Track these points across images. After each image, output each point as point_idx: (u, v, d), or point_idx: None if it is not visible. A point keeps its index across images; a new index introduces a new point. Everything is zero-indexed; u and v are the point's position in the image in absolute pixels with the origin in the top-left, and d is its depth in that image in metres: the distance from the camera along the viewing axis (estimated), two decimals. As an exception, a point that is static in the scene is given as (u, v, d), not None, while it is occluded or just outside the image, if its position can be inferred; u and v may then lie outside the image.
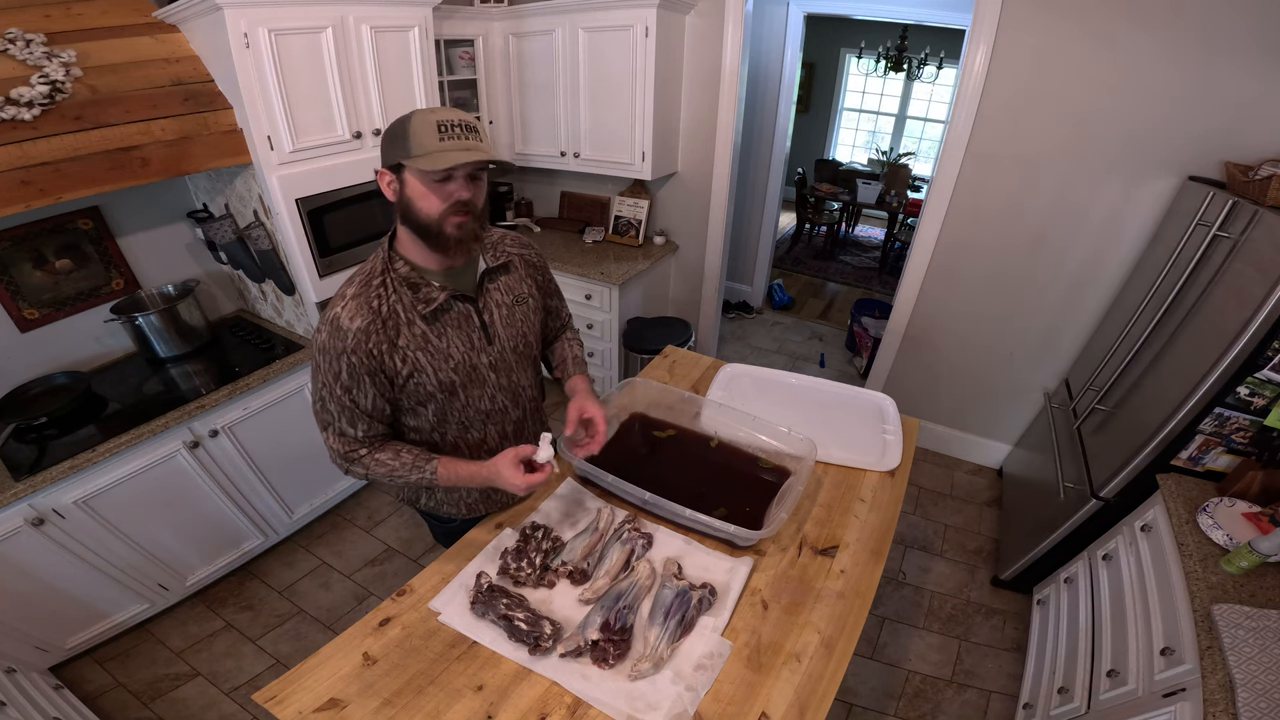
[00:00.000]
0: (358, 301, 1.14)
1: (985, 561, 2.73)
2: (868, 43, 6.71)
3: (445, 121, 1.05)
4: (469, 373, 1.27)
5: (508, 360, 1.34)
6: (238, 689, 2.19)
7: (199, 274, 2.61)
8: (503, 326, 1.31)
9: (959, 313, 2.99)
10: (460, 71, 3.09)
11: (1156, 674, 1.45)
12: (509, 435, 1.44)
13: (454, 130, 1.05)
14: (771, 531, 1.36)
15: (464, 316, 1.24)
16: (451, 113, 1.08)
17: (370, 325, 1.13)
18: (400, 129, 1.06)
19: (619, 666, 1.15)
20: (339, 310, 1.13)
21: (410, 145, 1.05)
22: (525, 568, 1.32)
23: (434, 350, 1.21)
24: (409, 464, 1.25)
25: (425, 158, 1.04)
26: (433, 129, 1.04)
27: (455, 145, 1.05)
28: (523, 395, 1.42)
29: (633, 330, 3.38)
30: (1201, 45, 2.04)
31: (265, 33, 1.89)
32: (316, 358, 1.17)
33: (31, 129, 1.68)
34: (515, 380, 1.38)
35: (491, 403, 1.35)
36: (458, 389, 1.27)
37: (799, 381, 2.05)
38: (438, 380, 1.23)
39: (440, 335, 1.21)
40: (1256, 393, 1.66)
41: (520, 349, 1.36)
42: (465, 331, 1.25)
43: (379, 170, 1.13)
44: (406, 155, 1.05)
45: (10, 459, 1.89)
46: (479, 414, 1.35)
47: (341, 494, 2.92)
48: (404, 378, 1.20)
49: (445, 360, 1.22)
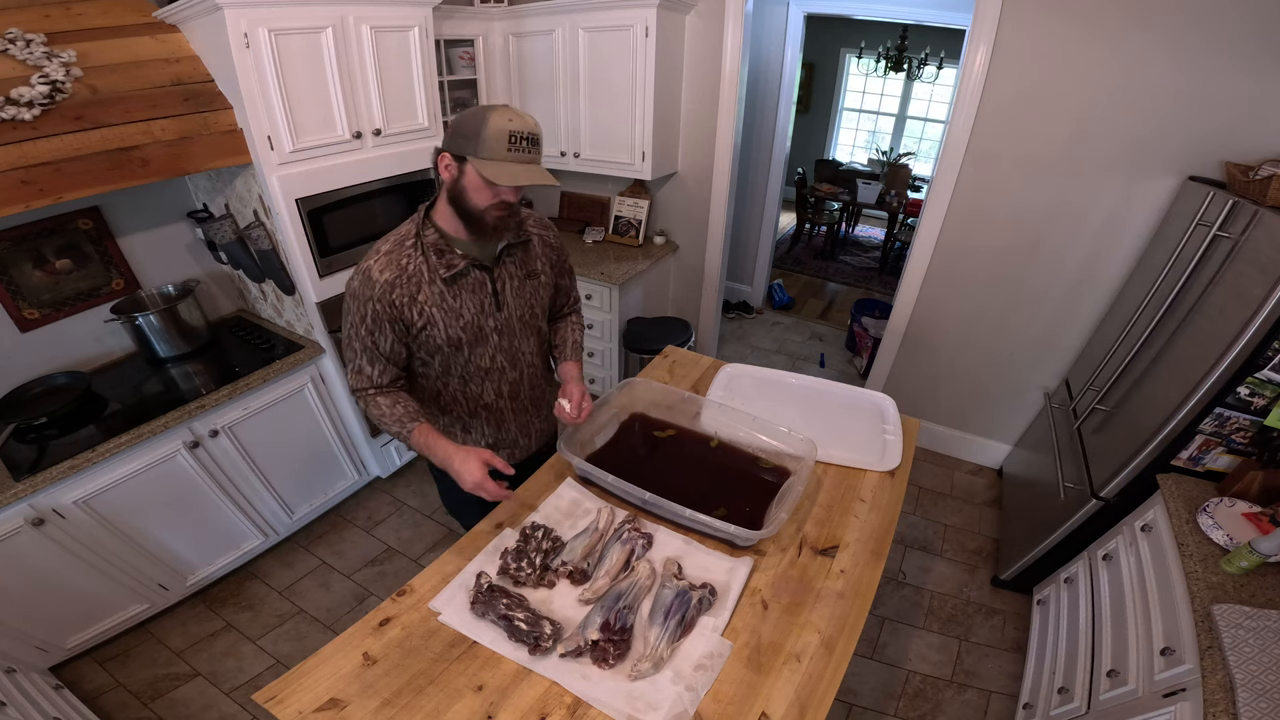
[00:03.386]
0: (389, 258, 1.29)
1: (985, 561, 2.73)
2: (868, 43, 6.71)
3: (517, 133, 1.16)
4: (476, 332, 1.41)
5: (513, 326, 1.48)
6: (238, 689, 2.19)
7: (199, 274, 2.61)
8: (513, 296, 1.45)
9: (959, 313, 2.99)
10: (460, 71, 3.09)
11: (1156, 674, 1.45)
12: (504, 394, 1.57)
13: (522, 144, 1.17)
14: (772, 532, 1.36)
15: (479, 283, 1.38)
16: (523, 122, 1.18)
17: (396, 279, 1.28)
18: (474, 126, 1.17)
19: (619, 666, 1.15)
20: (372, 263, 1.29)
21: (480, 145, 1.16)
22: (525, 568, 1.32)
23: (448, 308, 1.35)
24: (398, 416, 1.37)
25: (492, 164, 1.16)
26: (504, 138, 1.15)
27: (520, 159, 1.18)
28: (521, 359, 1.56)
29: (633, 330, 3.38)
30: (1202, 45, 2.04)
31: (265, 33, 1.89)
32: (348, 301, 1.32)
33: (32, 129, 1.68)
34: (516, 345, 1.52)
35: (491, 361, 1.49)
36: (463, 345, 1.41)
37: (799, 381, 2.05)
38: (447, 335, 1.37)
39: (455, 296, 1.35)
40: (1257, 393, 1.66)
41: (526, 318, 1.50)
42: (478, 296, 1.39)
43: (441, 151, 1.24)
44: (474, 153, 1.17)
45: (10, 459, 1.89)
46: (479, 370, 1.49)
47: (341, 494, 2.92)
48: (418, 329, 1.34)
49: (456, 318, 1.36)
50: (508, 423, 1.63)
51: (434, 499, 3.04)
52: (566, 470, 1.66)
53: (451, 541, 1.59)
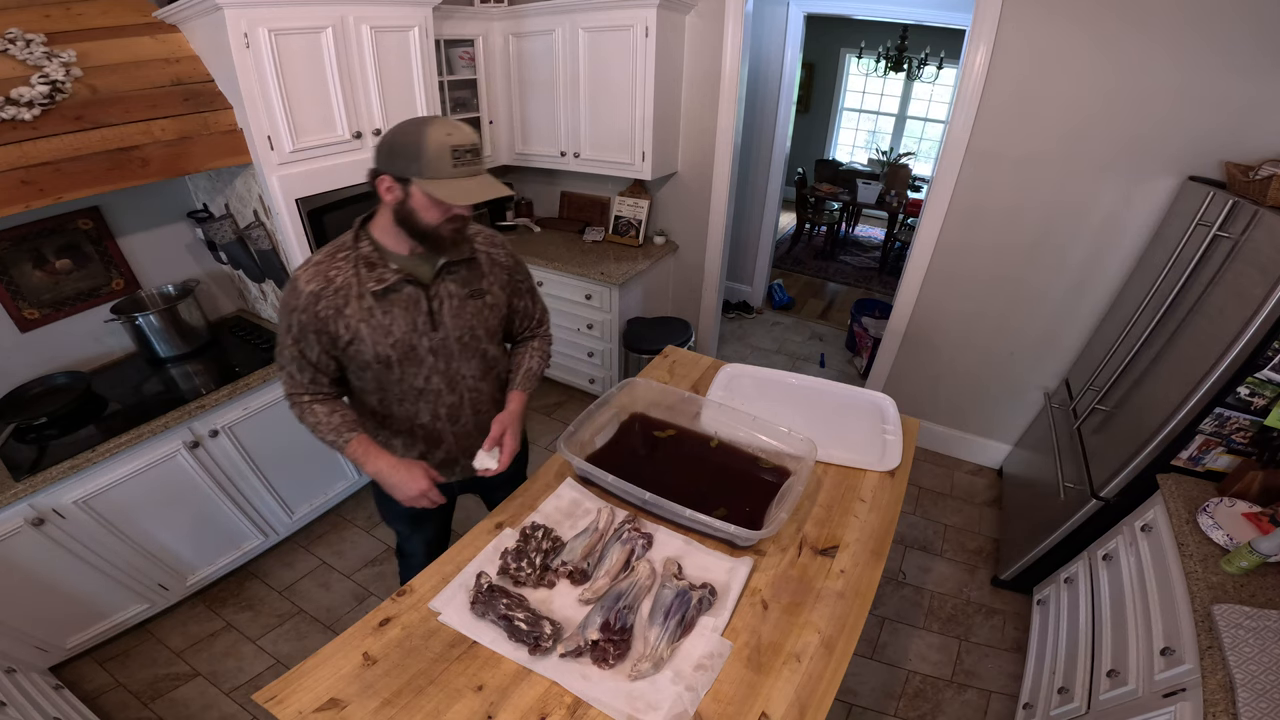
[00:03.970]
0: (317, 269, 1.26)
1: (985, 561, 2.73)
2: (868, 43, 6.71)
3: (459, 147, 1.12)
4: (406, 351, 1.35)
5: (450, 347, 1.40)
6: (238, 689, 2.19)
7: (199, 274, 2.61)
8: (450, 316, 1.37)
9: (959, 312, 2.99)
10: (460, 71, 3.09)
11: (1156, 674, 1.45)
12: (441, 416, 1.49)
13: (465, 156, 1.13)
14: (772, 531, 1.36)
15: (413, 300, 1.32)
16: (462, 133, 1.14)
17: (322, 291, 1.25)
18: (412, 145, 1.12)
19: (619, 666, 1.15)
20: (300, 273, 1.27)
21: (423, 165, 1.12)
22: (525, 568, 1.32)
23: (376, 325, 1.29)
24: (334, 425, 1.36)
25: (441, 184, 1.12)
26: (447, 154, 1.11)
27: (468, 173, 1.14)
28: (461, 383, 1.47)
29: (633, 330, 3.37)
30: (1201, 45, 2.04)
31: (265, 33, 1.89)
32: (279, 309, 1.30)
33: (31, 129, 1.68)
34: (455, 368, 1.44)
35: (426, 383, 1.42)
36: (394, 364, 1.35)
37: (799, 381, 2.05)
38: (375, 352, 1.32)
39: (386, 312, 1.30)
40: (1257, 393, 1.66)
41: (465, 340, 1.42)
42: (411, 314, 1.32)
43: (379, 175, 1.18)
44: (418, 174, 1.13)
45: (10, 459, 1.89)
46: (412, 390, 1.42)
47: (341, 494, 2.92)
48: (345, 343, 1.30)
49: (385, 335, 1.31)
50: (446, 444, 1.55)
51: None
52: (566, 470, 1.66)
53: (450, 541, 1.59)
